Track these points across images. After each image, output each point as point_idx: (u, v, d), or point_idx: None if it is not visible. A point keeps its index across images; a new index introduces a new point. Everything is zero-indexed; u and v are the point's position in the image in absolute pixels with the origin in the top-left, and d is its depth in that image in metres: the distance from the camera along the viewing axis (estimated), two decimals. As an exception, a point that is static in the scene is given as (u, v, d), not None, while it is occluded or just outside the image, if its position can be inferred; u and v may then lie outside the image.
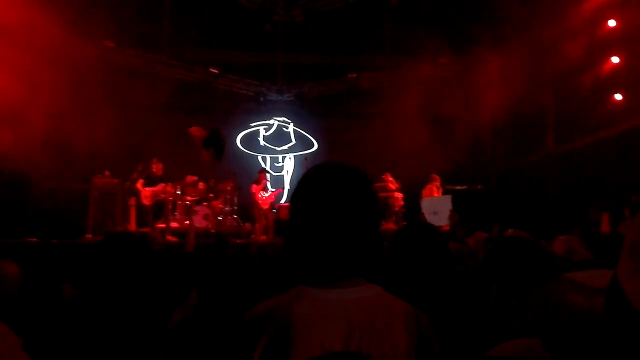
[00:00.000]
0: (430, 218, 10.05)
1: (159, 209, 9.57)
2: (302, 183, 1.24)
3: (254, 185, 10.64)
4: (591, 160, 9.60)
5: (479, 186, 11.45)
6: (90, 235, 9.57)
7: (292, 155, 14.63)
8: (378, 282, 1.25)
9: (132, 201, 10.16)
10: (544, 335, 0.72)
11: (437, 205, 10.34)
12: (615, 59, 9.35)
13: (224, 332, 1.18)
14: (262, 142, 14.65)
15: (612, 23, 9.43)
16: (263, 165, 14.35)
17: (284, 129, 14.78)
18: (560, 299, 0.76)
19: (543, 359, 0.81)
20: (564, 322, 0.72)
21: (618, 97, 9.31)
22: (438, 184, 10.88)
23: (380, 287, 1.21)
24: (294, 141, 14.73)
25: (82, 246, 8.00)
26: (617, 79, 9.29)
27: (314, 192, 1.20)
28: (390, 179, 11.34)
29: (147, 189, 9.39)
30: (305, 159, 12.56)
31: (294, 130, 14.77)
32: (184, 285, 1.91)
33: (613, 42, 9.38)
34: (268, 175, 11.33)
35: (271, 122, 14.73)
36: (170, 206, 9.90)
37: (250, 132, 14.62)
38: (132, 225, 10.23)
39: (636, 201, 7.85)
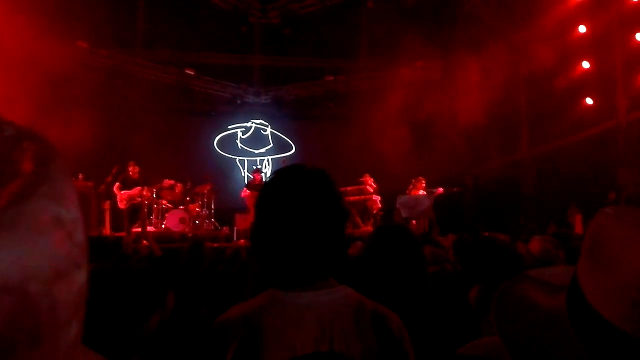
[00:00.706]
0: (405, 212, 10.24)
1: (135, 212, 9.42)
2: (265, 188, 1.24)
3: (245, 189, 10.56)
4: (563, 162, 9.81)
5: (455, 188, 11.57)
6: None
7: (269, 157, 14.59)
8: (352, 284, 1.26)
9: (107, 205, 9.99)
10: (503, 334, 0.71)
11: (414, 201, 10.49)
12: (585, 64, 9.57)
13: (198, 336, 1.18)
14: (239, 145, 14.57)
15: (582, 29, 9.66)
16: (240, 168, 14.28)
17: (262, 131, 14.72)
18: (519, 296, 0.74)
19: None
20: (522, 319, 0.71)
21: (589, 101, 9.53)
22: (424, 186, 10.96)
23: (350, 289, 1.22)
24: (271, 144, 14.68)
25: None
26: (587, 84, 9.51)
27: (276, 196, 1.19)
28: (369, 181, 11.38)
29: (123, 192, 9.24)
30: (283, 161, 12.50)
31: (272, 133, 14.73)
32: (161, 289, 1.88)
33: (583, 48, 9.61)
34: (262, 175, 11.22)
35: (248, 124, 14.65)
36: (146, 210, 9.76)
37: (228, 134, 14.52)
38: (107, 230, 10.05)
39: (614, 199, 8.05)
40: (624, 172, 8.49)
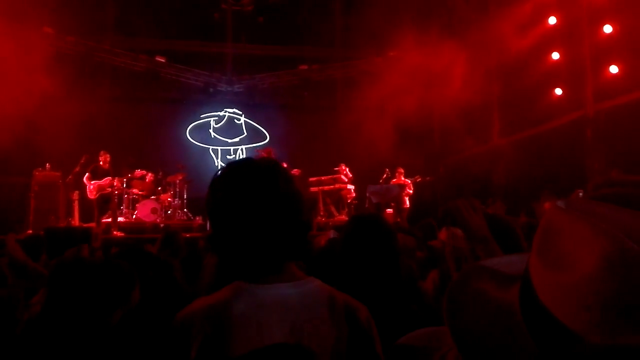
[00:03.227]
0: (375, 198, 10.42)
1: (105, 203, 9.24)
2: (214, 184, 1.21)
3: None
4: (533, 151, 9.99)
5: (428, 177, 11.71)
6: (31, 231, 9.14)
7: (244, 147, 14.46)
8: (323, 275, 1.24)
9: (76, 195, 9.78)
10: (452, 327, 0.67)
11: (385, 189, 10.66)
12: (555, 55, 9.72)
13: (162, 331, 1.16)
14: (212, 134, 14.40)
15: (552, 20, 9.80)
16: (214, 158, 14.14)
17: (236, 120, 14.57)
18: (472, 287, 0.71)
19: (451, 348, 0.80)
20: (473, 312, 0.68)
21: (558, 91, 9.70)
22: (403, 175, 11.07)
23: (319, 280, 1.21)
24: (245, 133, 14.56)
25: (21, 242, 7.61)
26: (557, 74, 9.67)
27: (226, 190, 1.18)
28: (344, 170, 11.41)
29: (93, 182, 9.05)
30: (257, 151, 12.44)
31: (246, 122, 14.60)
32: (125, 284, 1.84)
33: (553, 39, 9.75)
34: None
35: (222, 113, 14.48)
36: (116, 200, 9.59)
37: (200, 123, 14.32)
38: (76, 221, 9.85)
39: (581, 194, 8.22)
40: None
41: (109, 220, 9.38)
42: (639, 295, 0.51)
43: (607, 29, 8.50)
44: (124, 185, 9.88)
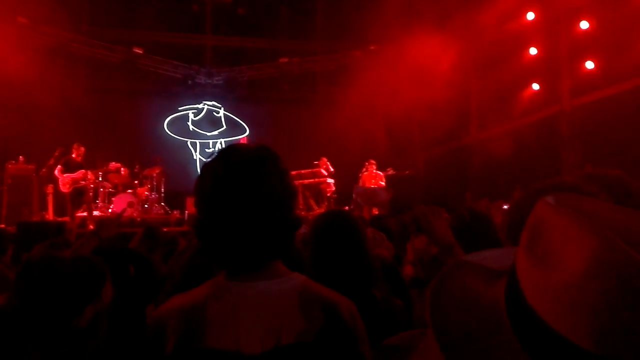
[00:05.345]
0: (362, 202, 10.38)
1: (79, 196, 9.06)
2: (205, 169, 1.16)
3: None
4: (510, 146, 10.09)
5: (407, 171, 11.75)
6: (3, 225, 8.92)
7: (223, 140, 14.31)
8: (298, 269, 1.21)
9: (50, 189, 9.57)
10: (435, 325, 0.63)
11: (372, 192, 10.61)
12: (533, 50, 9.82)
13: (137, 329, 1.12)
14: (191, 127, 14.21)
15: (530, 16, 9.88)
16: (192, 151, 13.98)
17: (215, 113, 14.40)
18: (457, 284, 0.68)
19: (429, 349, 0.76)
20: (458, 310, 0.64)
21: (535, 86, 9.81)
22: (374, 168, 11.05)
23: (303, 276, 1.17)
24: (224, 126, 14.40)
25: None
26: (534, 70, 9.77)
27: (217, 177, 1.11)
28: (324, 164, 11.38)
29: (65, 175, 8.85)
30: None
31: (225, 115, 14.45)
32: (96, 280, 1.79)
33: (531, 34, 9.85)
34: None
35: (201, 106, 14.29)
36: (91, 194, 9.41)
37: (179, 116, 14.12)
38: (50, 215, 9.65)
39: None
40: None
41: (85, 214, 9.21)
42: (627, 297, 0.48)
43: (584, 25, 8.60)
44: (99, 179, 9.70)
